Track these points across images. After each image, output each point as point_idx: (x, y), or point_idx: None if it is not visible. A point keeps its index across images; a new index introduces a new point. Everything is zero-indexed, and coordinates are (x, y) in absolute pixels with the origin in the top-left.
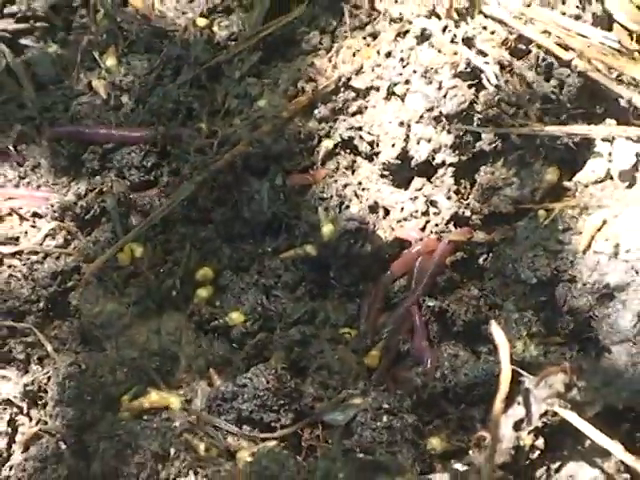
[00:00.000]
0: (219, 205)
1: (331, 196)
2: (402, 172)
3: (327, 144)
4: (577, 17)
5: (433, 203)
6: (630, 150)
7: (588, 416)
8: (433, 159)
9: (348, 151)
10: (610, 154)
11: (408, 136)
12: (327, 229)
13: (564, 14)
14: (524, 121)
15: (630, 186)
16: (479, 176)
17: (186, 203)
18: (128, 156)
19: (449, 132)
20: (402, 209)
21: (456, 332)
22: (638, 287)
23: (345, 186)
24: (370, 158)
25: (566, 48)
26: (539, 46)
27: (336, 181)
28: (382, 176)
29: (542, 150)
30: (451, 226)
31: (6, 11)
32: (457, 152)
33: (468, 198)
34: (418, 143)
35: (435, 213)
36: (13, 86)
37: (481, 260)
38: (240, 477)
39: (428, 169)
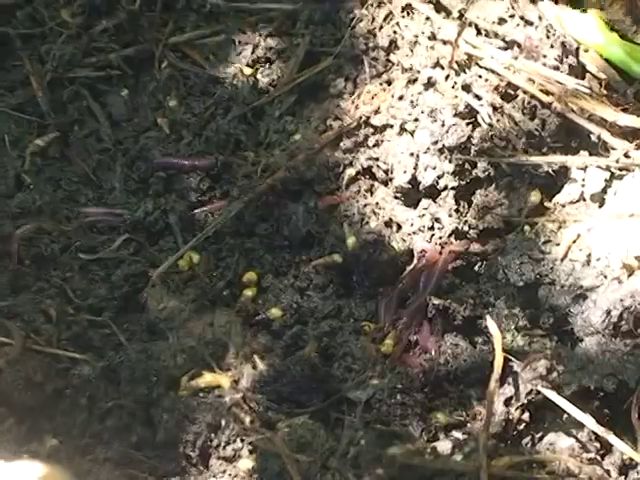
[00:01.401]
0: (262, 221)
1: (354, 214)
2: (412, 194)
3: (350, 171)
4: (556, 68)
5: (437, 220)
6: (600, 177)
7: (566, 394)
8: (437, 184)
9: (367, 177)
10: (584, 180)
11: (417, 165)
12: (350, 241)
13: (545, 65)
14: (512, 152)
15: (600, 206)
16: (475, 198)
17: (235, 219)
18: (187, 181)
19: (450, 161)
20: (412, 224)
21: (456, 325)
22: (606, 289)
23: (365, 206)
24: (385, 183)
25: (547, 93)
26: (525, 91)
27: (358, 202)
28: (395, 197)
29: (527, 176)
30: (452, 239)
31: (86, 61)
32: (457, 178)
33: (466, 216)
34: (425, 170)
35: (439, 228)
36: (92, 123)
37: (477, 267)
38: (279, 444)
39: (433, 192)
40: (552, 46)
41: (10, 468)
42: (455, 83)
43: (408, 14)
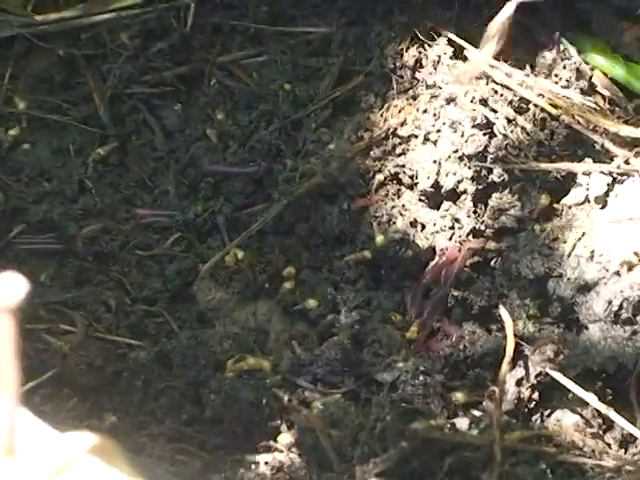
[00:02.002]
0: (300, 221)
1: (382, 215)
2: (434, 197)
3: (379, 177)
4: (565, 85)
5: (457, 220)
6: (603, 181)
7: (571, 376)
8: (457, 188)
9: (395, 182)
10: (588, 184)
11: (439, 171)
12: (379, 239)
13: (555, 83)
14: (524, 160)
15: (603, 207)
16: (491, 200)
17: (275, 220)
18: (233, 186)
19: (469, 168)
20: (434, 224)
21: (474, 315)
22: (608, 282)
23: (392, 208)
24: (411, 187)
25: (556, 107)
26: (536, 105)
27: (386, 204)
28: (420, 200)
29: (537, 181)
30: (470, 237)
31: (143, 79)
32: (475, 183)
33: (483, 216)
34: (446, 176)
35: (458, 227)
36: (148, 134)
37: (492, 262)
38: (314, 420)
39: (454, 195)
40: (565, 67)
41: (63, 438)
42: (473, 98)
43: (432, 37)
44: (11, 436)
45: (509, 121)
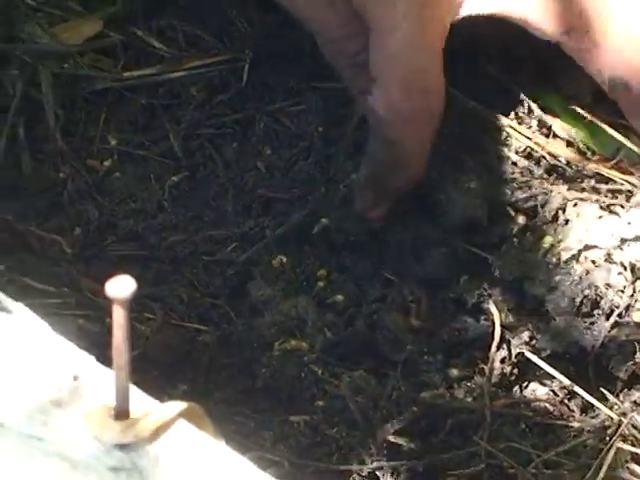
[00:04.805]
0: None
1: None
2: None
3: None
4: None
5: None
6: (568, 206)
7: (542, 356)
8: None
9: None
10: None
11: None
12: None
13: (528, 128)
14: None
15: (566, 224)
16: None
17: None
18: (278, 207)
19: None
20: None
21: (467, 308)
22: (572, 283)
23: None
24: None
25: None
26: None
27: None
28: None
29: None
30: None
31: (208, 123)
32: None
33: None
34: None
35: None
36: (212, 166)
37: (481, 268)
38: (343, 389)
39: None
40: (531, 118)
41: (161, 404)
42: None
43: None
44: (125, 403)
45: None
